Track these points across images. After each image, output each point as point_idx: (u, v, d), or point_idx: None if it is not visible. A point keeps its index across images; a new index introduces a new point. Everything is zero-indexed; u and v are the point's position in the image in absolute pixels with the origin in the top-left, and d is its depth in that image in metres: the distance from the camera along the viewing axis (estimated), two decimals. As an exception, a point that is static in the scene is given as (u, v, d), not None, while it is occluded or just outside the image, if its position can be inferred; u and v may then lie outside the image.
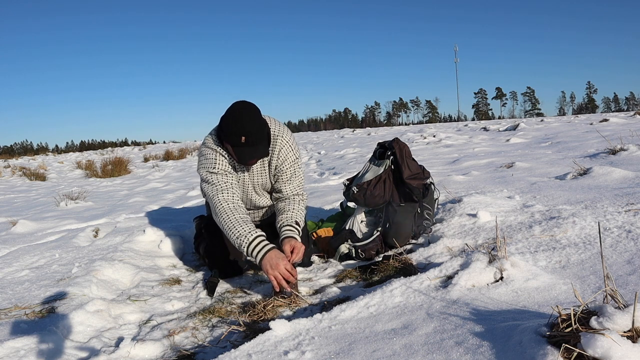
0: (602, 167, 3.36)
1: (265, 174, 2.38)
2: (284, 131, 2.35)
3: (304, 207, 2.40)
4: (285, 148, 2.32)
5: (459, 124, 24.97)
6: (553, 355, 0.98)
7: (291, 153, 2.34)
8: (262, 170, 2.37)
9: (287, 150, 2.33)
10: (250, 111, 2.10)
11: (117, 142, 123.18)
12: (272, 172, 2.38)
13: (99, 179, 10.02)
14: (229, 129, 2.08)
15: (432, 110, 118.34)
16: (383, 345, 1.25)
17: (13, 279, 2.41)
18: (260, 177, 2.38)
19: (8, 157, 28.12)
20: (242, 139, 2.05)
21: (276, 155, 2.32)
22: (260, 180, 2.39)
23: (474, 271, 1.60)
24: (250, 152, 2.11)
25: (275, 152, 2.32)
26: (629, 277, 1.53)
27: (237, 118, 2.07)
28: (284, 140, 2.32)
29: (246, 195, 2.42)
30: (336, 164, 7.78)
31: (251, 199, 2.45)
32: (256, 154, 2.13)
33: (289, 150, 2.33)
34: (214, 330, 1.81)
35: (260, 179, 2.38)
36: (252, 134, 2.06)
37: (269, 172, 2.38)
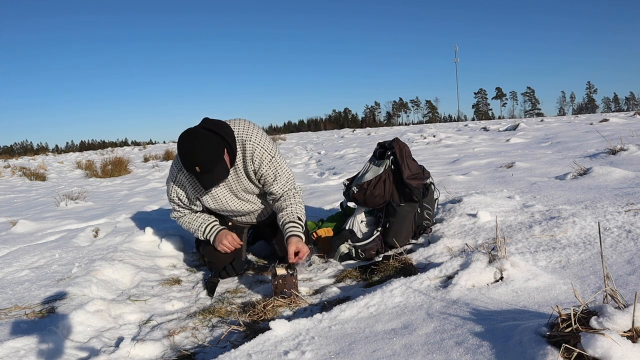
0: (602, 167, 3.36)
1: (243, 180, 2.35)
2: (252, 133, 2.27)
3: (300, 200, 2.39)
4: (258, 151, 2.26)
5: (459, 124, 24.97)
6: (553, 355, 0.98)
7: (265, 154, 2.27)
8: (237, 178, 2.34)
9: (259, 152, 2.26)
10: (197, 139, 2.05)
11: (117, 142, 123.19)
12: (251, 177, 2.33)
13: (99, 179, 10.02)
14: (182, 163, 2.09)
15: (432, 110, 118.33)
16: (383, 345, 1.25)
17: (13, 279, 2.41)
18: (238, 184, 2.36)
19: (8, 157, 28.12)
20: (196, 169, 2.05)
21: (249, 160, 2.27)
22: (240, 187, 2.37)
23: (474, 271, 1.60)
24: (209, 179, 2.09)
25: (248, 158, 2.26)
26: (629, 277, 1.53)
27: (187, 151, 2.05)
28: (254, 143, 2.25)
29: (228, 205, 2.41)
30: (336, 164, 7.78)
31: (235, 207, 2.44)
32: (215, 179, 2.10)
33: (262, 152, 2.26)
34: (214, 330, 1.81)
35: (238, 185, 2.37)
36: (204, 162, 2.03)
37: (247, 177, 2.34)
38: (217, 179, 2.10)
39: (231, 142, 2.20)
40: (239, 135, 2.25)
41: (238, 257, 2.48)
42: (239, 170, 2.31)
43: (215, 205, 2.41)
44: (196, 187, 2.35)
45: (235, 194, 2.40)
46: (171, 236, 3.05)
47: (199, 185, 2.33)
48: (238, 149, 2.25)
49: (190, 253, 2.94)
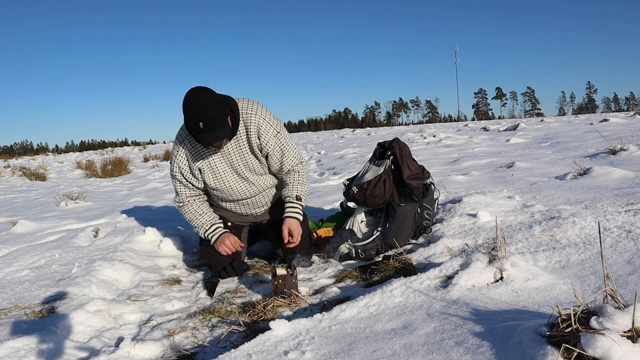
0: (602, 167, 3.36)
1: (245, 155, 2.31)
2: (257, 108, 2.28)
3: (305, 177, 2.43)
4: (264, 125, 2.25)
5: (459, 124, 24.97)
6: (553, 355, 0.98)
7: (270, 128, 2.27)
8: (239, 151, 2.30)
9: (265, 126, 2.26)
10: (205, 96, 2.05)
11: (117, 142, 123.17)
12: (255, 151, 2.31)
13: (99, 179, 10.02)
14: (186, 118, 2.07)
15: (432, 110, 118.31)
16: (383, 345, 1.25)
17: (13, 279, 2.41)
18: (240, 159, 2.32)
19: (8, 157, 28.11)
20: (200, 125, 2.03)
21: (254, 135, 2.26)
22: (242, 162, 2.33)
23: (474, 271, 1.60)
24: (211, 137, 2.08)
25: (252, 132, 2.26)
26: (629, 277, 1.53)
27: (193, 105, 2.03)
28: (259, 117, 2.26)
29: (228, 183, 2.36)
30: (336, 164, 7.78)
31: (235, 187, 2.39)
32: (217, 137, 2.09)
33: (267, 126, 2.26)
34: (214, 330, 1.81)
35: (240, 160, 2.32)
36: (209, 118, 2.03)
37: (251, 151, 2.31)
38: (218, 137, 2.09)
39: (235, 112, 2.20)
40: (243, 109, 2.26)
41: (237, 257, 2.48)
42: (242, 144, 2.29)
43: (215, 182, 2.35)
44: (198, 158, 2.30)
45: (236, 170, 2.35)
46: (171, 236, 3.05)
47: (201, 156, 2.30)
48: (242, 123, 2.24)
49: (190, 253, 2.94)
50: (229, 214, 2.60)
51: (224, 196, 2.45)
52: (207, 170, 2.33)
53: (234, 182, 2.38)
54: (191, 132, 2.11)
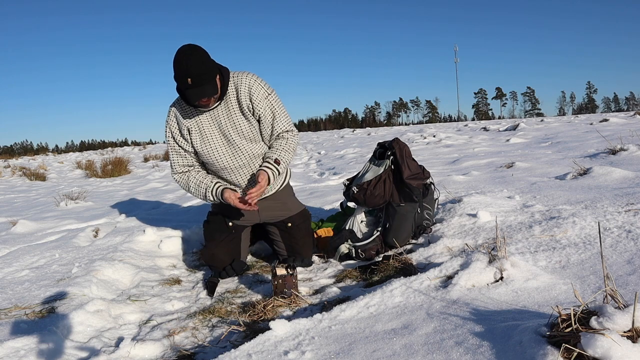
0: (602, 167, 3.36)
1: (234, 116, 2.29)
2: (248, 73, 2.31)
3: (292, 146, 2.38)
4: (255, 86, 2.27)
5: (459, 124, 24.96)
6: (553, 355, 0.98)
7: (262, 89, 2.29)
8: (229, 115, 2.29)
9: (256, 87, 2.27)
10: (196, 53, 2.08)
11: (117, 142, 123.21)
12: (245, 112, 2.30)
13: (99, 179, 10.01)
14: (175, 74, 2.08)
15: (432, 110, 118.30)
16: (383, 345, 1.25)
17: (13, 279, 2.41)
18: (228, 121, 2.30)
19: (8, 157, 28.09)
20: (188, 80, 2.05)
21: (245, 94, 2.26)
22: (230, 124, 2.30)
23: (474, 271, 1.60)
24: (197, 93, 2.09)
25: (243, 92, 2.26)
26: (629, 277, 1.53)
27: (182, 61, 2.06)
28: (250, 78, 2.28)
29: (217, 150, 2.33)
30: (336, 164, 7.78)
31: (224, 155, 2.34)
32: (204, 94, 2.10)
33: (258, 87, 2.28)
34: (214, 330, 1.81)
35: (229, 122, 2.30)
36: (197, 75, 2.05)
37: (242, 113, 2.30)
38: (204, 94, 2.10)
39: (225, 74, 2.23)
40: (234, 73, 2.30)
41: (237, 257, 2.48)
42: (232, 106, 2.29)
43: (202, 145, 2.32)
44: (187, 118, 2.31)
45: (224, 133, 2.31)
46: (171, 236, 3.05)
47: (190, 117, 2.31)
48: (231, 84, 2.27)
49: (190, 253, 2.94)
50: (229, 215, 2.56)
51: (211, 163, 2.39)
52: (195, 131, 2.32)
53: (220, 147, 2.33)
54: (179, 88, 2.15)
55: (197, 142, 2.34)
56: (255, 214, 2.51)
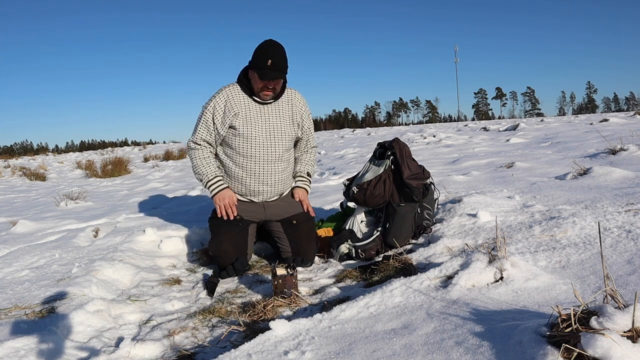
0: (602, 167, 3.36)
1: (283, 119, 2.55)
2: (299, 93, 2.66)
3: (315, 160, 2.82)
4: (305, 104, 2.66)
5: (459, 124, 24.97)
6: (553, 355, 0.98)
7: (307, 108, 2.69)
8: (278, 115, 2.54)
9: (306, 106, 2.67)
10: (281, 47, 2.40)
11: (117, 142, 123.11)
12: (294, 120, 2.59)
13: (99, 179, 10.01)
14: (256, 55, 2.37)
15: (432, 110, 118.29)
16: (383, 345, 1.25)
17: (13, 279, 2.41)
18: (276, 120, 2.53)
19: (8, 157, 28.07)
20: (268, 62, 2.32)
21: (299, 107, 2.62)
22: (277, 123, 2.53)
23: (474, 271, 1.60)
24: (272, 74, 2.36)
25: (298, 104, 2.61)
26: (629, 277, 1.53)
27: (269, 46, 2.37)
28: (301, 97, 2.66)
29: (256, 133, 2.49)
30: (336, 164, 7.78)
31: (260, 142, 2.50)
32: (278, 75, 2.38)
33: (306, 106, 2.68)
34: (214, 330, 1.81)
35: (276, 121, 2.53)
36: (277, 61, 2.34)
37: (291, 118, 2.58)
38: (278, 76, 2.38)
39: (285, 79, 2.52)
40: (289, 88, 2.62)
41: (243, 254, 2.49)
42: (283, 109, 2.56)
43: (244, 127, 2.47)
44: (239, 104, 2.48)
45: (271, 129, 2.52)
46: (171, 236, 3.05)
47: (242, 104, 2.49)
48: (287, 95, 2.58)
49: (190, 253, 2.94)
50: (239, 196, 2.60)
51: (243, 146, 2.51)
52: (242, 117, 2.48)
53: (261, 134, 2.50)
54: (256, 65, 2.36)
55: (240, 125, 2.48)
56: (261, 209, 2.61)
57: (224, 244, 2.46)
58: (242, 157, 2.52)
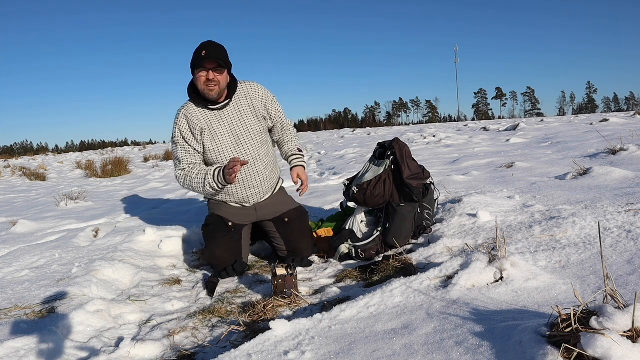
0: (602, 167, 3.36)
1: (247, 118, 2.49)
2: (253, 82, 2.58)
3: (296, 135, 2.76)
4: (263, 91, 2.56)
5: (459, 124, 24.96)
6: (553, 355, 0.98)
7: (269, 93, 2.59)
8: (240, 115, 2.48)
9: (265, 92, 2.57)
10: (217, 43, 2.39)
11: (117, 142, 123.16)
12: (258, 112, 2.52)
13: (99, 179, 10.01)
14: (193, 54, 2.35)
15: (432, 110, 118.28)
16: (383, 345, 1.25)
17: (13, 279, 2.41)
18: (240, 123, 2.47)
19: (8, 157, 28.06)
20: (202, 52, 2.31)
21: (258, 98, 2.53)
22: (241, 125, 2.48)
23: (474, 271, 1.60)
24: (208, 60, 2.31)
25: (255, 96, 2.52)
26: (629, 277, 1.53)
27: (201, 44, 2.37)
28: (257, 85, 2.56)
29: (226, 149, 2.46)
30: (336, 164, 7.77)
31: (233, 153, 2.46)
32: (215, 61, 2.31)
33: (266, 92, 2.58)
34: (214, 330, 1.81)
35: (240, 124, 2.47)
36: (212, 50, 2.32)
37: (253, 113, 2.51)
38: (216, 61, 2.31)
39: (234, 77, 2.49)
40: (241, 81, 2.54)
41: (239, 258, 2.49)
42: (242, 106, 2.50)
43: (212, 144, 2.45)
44: (199, 120, 2.45)
45: (235, 133, 2.47)
46: (171, 236, 3.05)
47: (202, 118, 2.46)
48: (240, 89, 2.51)
49: (190, 253, 2.94)
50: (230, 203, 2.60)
51: (218, 161, 2.48)
52: (207, 131, 2.45)
53: (229, 145, 2.47)
54: (193, 61, 2.34)
55: (208, 141, 2.46)
56: (253, 211, 2.61)
57: (218, 250, 2.45)
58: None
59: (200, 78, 2.35)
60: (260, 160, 2.55)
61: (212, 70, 2.32)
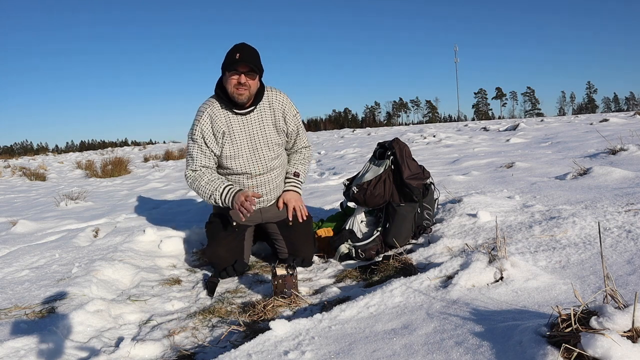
0: (602, 167, 3.36)
1: (267, 128, 2.47)
2: (281, 91, 2.55)
3: (307, 159, 2.71)
4: (287, 104, 2.53)
5: (459, 124, 24.96)
6: (553, 355, 0.98)
7: (292, 108, 2.55)
8: (261, 124, 2.45)
9: (288, 105, 2.53)
10: (250, 46, 2.36)
11: (117, 142, 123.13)
12: (278, 125, 2.50)
13: (99, 179, 10.01)
14: (226, 54, 2.31)
15: (432, 110, 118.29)
16: (383, 345, 1.25)
17: (13, 279, 2.41)
18: (260, 132, 2.45)
19: (8, 157, 28.05)
20: (236, 55, 2.27)
21: (279, 109, 2.49)
22: (261, 134, 2.45)
23: (474, 271, 1.60)
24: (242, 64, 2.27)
25: (277, 107, 2.49)
26: (629, 277, 1.53)
27: (235, 46, 2.33)
28: (283, 97, 2.52)
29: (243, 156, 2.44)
30: (336, 164, 7.77)
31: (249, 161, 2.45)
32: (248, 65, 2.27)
33: (290, 106, 2.54)
34: (214, 330, 1.81)
35: (260, 133, 2.45)
36: (246, 54, 2.29)
37: (273, 125, 2.49)
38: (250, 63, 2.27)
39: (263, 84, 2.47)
40: (269, 88, 2.51)
41: (240, 258, 2.49)
42: (265, 117, 2.47)
43: (230, 148, 2.42)
44: (222, 122, 2.41)
45: (253, 141, 2.45)
46: (171, 236, 3.05)
47: (225, 121, 2.42)
48: (266, 98, 2.47)
49: (190, 253, 2.94)
50: None
51: (232, 167, 2.46)
52: (228, 135, 2.42)
53: (246, 153, 2.45)
54: (225, 62, 2.31)
55: (227, 145, 2.44)
56: (258, 214, 2.60)
57: (220, 250, 2.45)
58: (234, 175, 2.51)
59: (232, 80, 2.30)
60: (273, 171, 2.55)
61: (244, 74, 2.29)
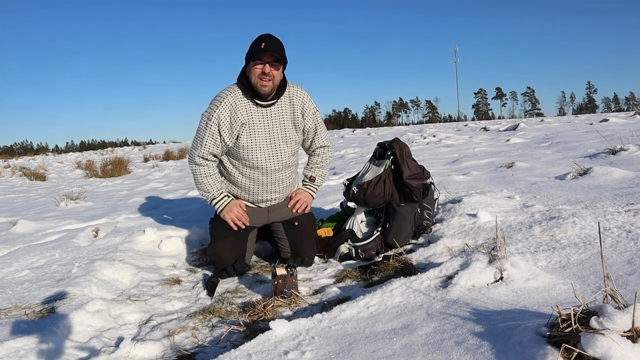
0: (602, 167, 3.36)
1: (286, 124, 2.44)
2: (301, 88, 2.51)
3: (326, 161, 2.68)
4: (307, 101, 2.49)
5: (459, 124, 24.96)
6: (553, 355, 0.98)
7: (312, 105, 2.52)
8: (280, 119, 2.42)
9: (308, 102, 2.49)
10: (275, 36, 2.34)
11: (117, 142, 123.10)
12: (296, 123, 2.47)
13: (99, 179, 10.01)
14: (251, 44, 2.30)
15: (432, 110, 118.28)
16: (383, 345, 1.25)
17: (13, 279, 2.41)
18: (279, 127, 2.42)
19: (8, 157, 28.07)
20: (262, 44, 2.25)
21: (298, 105, 2.46)
22: (280, 130, 2.43)
23: (474, 271, 1.60)
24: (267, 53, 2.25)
25: (297, 103, 2.45)
26: (629, 277, 1.53)
27: (261, 36, 2.32)
28: (303, 93, 2.49)
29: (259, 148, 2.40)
30: (336, 164, 7.77)
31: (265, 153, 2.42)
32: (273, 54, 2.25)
33: (310, 102, 2.51)
34: (214, 330, 1.81)
35: (279, 128, 2.42)
36: (271, 43, 2.27)
37: (292, 121, 2.46)
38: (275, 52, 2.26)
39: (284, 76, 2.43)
40: (290, 83, 2.47)
41: (241, 257, 2.49)
42: (284, 110, 2.44)
43: (247, 140, 2.37)
44: (243, 112, 2.36)
45: (271, 136, 2.41)
46: (171, 236, 3.04)
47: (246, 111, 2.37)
48: (287, 93, 2.44)
49: (190, 253, 2.94)
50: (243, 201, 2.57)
51: (247, 159, 2.42)
52: (247, 126, 2.38)
53: (263, 146, 2.41)
54: (250, 52, 2.29)
55: (244, 137, 2.39)
56: (265, 214, 2.60)
57: (222, 249, 2.45)
58: (249, 168, 2.46)
59: (256, 70, 2.27)
60: (289, 169, 2.54)
61: (268, 63, 2.26)
